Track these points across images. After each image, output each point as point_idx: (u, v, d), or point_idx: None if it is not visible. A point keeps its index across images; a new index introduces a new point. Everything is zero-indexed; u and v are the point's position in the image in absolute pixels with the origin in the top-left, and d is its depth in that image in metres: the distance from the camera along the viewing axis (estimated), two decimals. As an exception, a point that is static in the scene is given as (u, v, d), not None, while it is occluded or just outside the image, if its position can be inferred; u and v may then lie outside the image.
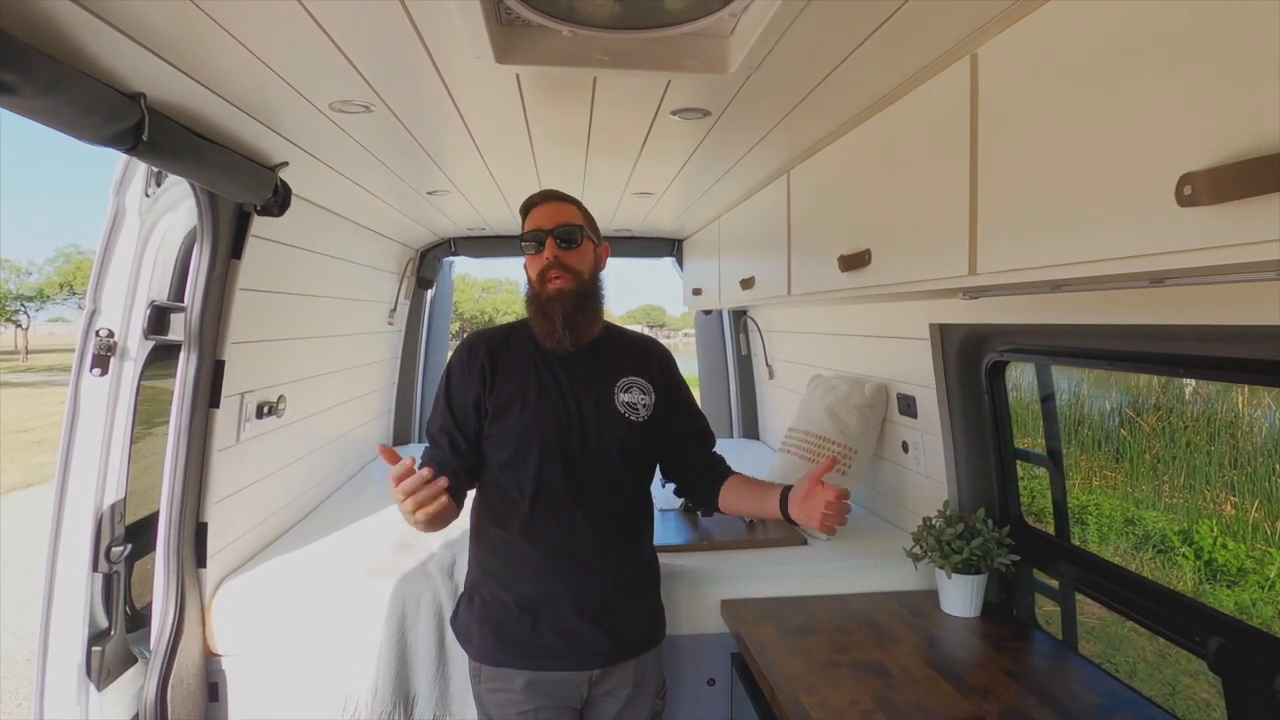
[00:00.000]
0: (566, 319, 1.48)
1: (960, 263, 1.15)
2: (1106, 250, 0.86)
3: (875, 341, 2.42)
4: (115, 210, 1.69)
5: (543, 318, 1.51)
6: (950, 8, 1.06)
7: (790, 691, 1.46)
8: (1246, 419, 6.69)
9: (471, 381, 1.52)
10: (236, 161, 1.63)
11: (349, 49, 1.21)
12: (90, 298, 1.70)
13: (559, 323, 1.48)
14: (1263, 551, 5.57)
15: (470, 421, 1.52)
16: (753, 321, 3.98)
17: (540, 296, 1.51)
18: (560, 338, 1.49)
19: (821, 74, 1.36)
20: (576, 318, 1.49)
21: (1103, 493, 7.08)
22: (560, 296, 1.49)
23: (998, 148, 1.07)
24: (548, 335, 1.51)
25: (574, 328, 1.49)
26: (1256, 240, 0.67)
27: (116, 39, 1.09)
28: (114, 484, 1.74)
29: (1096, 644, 4.43)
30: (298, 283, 2.35)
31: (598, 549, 1.52)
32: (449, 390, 1.55)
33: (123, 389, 1.75)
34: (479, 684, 1.54)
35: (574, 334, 1.50)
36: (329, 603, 1.93)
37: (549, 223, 1.51)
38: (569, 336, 1.49)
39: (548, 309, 1.50)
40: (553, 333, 1.49)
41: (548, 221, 1.51)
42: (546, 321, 1.50)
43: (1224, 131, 0.70)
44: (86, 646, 1.70)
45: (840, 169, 1.68)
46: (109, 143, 1.23)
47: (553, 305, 1.49)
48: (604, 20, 1.17)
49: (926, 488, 2.15)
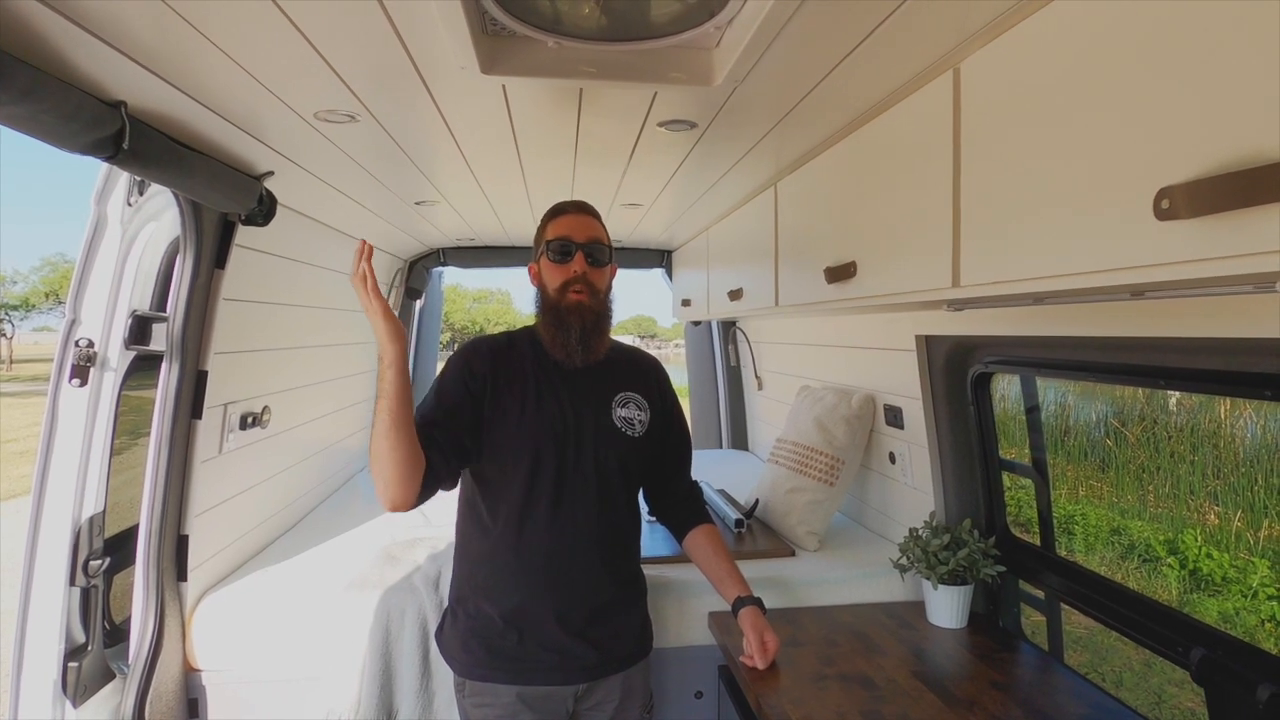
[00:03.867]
0: (584, 335, 1.48)
1: (944, 275, 1.16)
2: (1087, 263, 0.86)
3: (862, 353, 2.43)
4: (96, 219, 1.67)
5: (559, 328, 1.49)
6: (933, 23, 1.07)
7: (777, 704, 1.45)
8: (1229, 430, 6.75)
9: (470, 379, 1.48)
10: (221, 171, 1.62)
11: (334, 58, 1.20)
12: (70, 307, 1.68)
13: (574, 336, 1.48)
14: (1245, 561, 5.61)
15: (463, 411, 1.46)
16: (742, 332, 3.99)
17: (560, 307, 1.49)
18: (573, 351, 1.48)
19: (806, 87, 1.37)
20: (592, 336, 1.49)
21: (1089, 502, 7.11)
22: (581, 311, 1.48)
23: (980, 161, 1.08)
24: (560, 346, 1.49)
25: (587, 345, 1.49)
26: (1234, 254, 0.68)
27: (96, 46, 1.09)
28: (93, 496, 1.72)
29: (1083, 654, 4.44)
30: (283, 293, 2.33)
31: (586, 562, 1.50)
32: (443, 382, 1.50)
33: (102, 400, 1.72)
34: (464, 698, 1.52)
35: (586, 351, 1.49)
36: (312, 616, 1.90)
37: (581, 236, 1.50)
38: (581, 352, 1.49)
39: (566, 320, 1.48)
40: (566, 345, 1.48)
41: (579, 234, 1.50)
42: (562, 333, 1.49)
43: (1202, 146, 0.70)
44: (63, 662, 1.66)
45: (826, 181, 1.69)
46: (88, 151, 1.21)
47: (572, 318, 1.48)
48: (590, 32, 1.17)
49: (913, 499, 2.15)
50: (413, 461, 1.33)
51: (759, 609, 1.59)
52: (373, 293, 1.30)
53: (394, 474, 1.32)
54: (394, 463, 1.31)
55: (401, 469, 1.32)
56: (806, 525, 2.27)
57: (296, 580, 2.06)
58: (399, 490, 1.33)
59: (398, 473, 1.32)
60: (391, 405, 1.29)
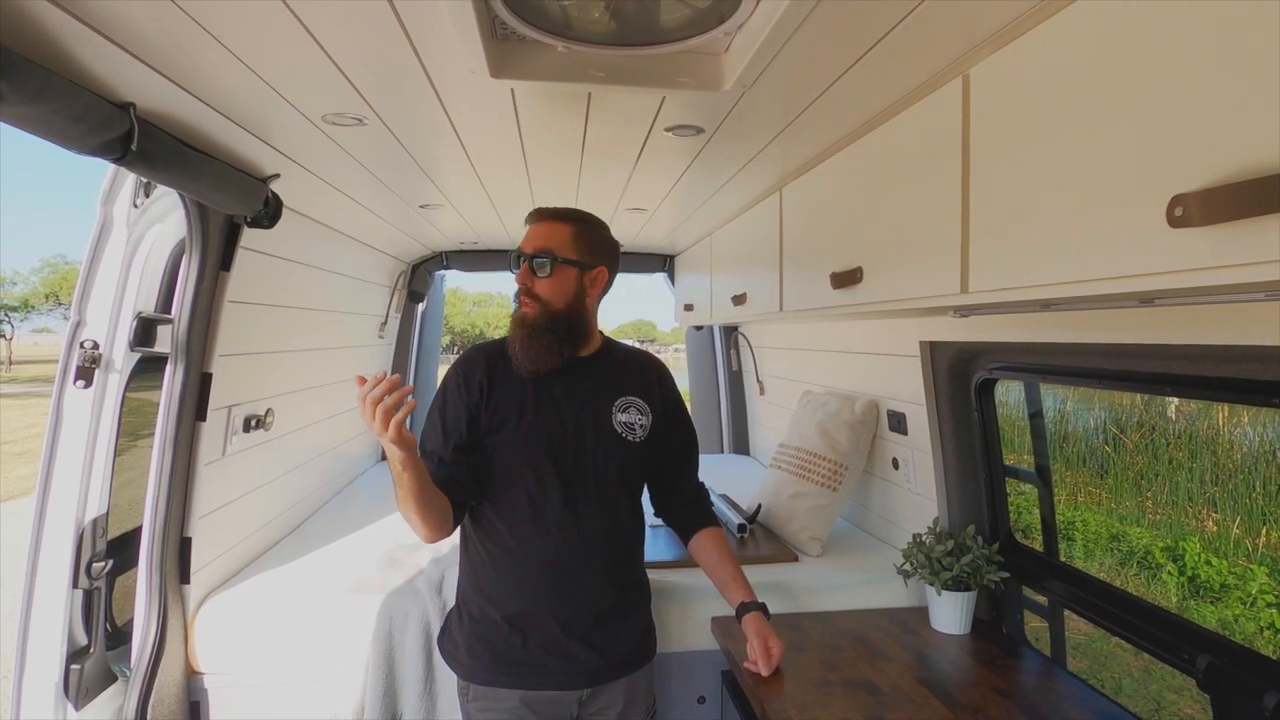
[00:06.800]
0: (523, 345, 1.49)
1: (952, 281, 1.16)
2: (1098, 270, 0.86)
3: (866, 358, 2.43)
4: (102, 221, 1.67)
5: (510, 339, 1.52)
6: (942, 29, 1.07)
7: (782, 710, 1.45)
8: (1227, 436, 6.76)
9: (468, 394, 1.51)
10: (227, 173, 1.62)
11: (343, 61, 1.20)
12: (75, 309, 1.68)
13: (516, 347, 1.50)
14: (1244, 568, 5.61)
15: (465, 434, 1.50)
16: (744, 337, 3.99)
17: (513, 317, 1.54)
18: (519, 362, 1.49)
19: (814, 93, 1.37)
20: (531, 345, 1.48)
21: (1088, 509, 7.11)
22: (521, 322, 1.50)
23: (990, 167, 1.08)
24: (514, 356, 1.51)
25: (530, 355, 1.48)
26: (1248, 262, 0.68)
27: (106, 48, 1.09)
28: (96, 499, 1.71)
29: (1082, 660, 4.44)
30: (288, 295, 2.33)
31: (589, 567, 1.50)
32: (444, 405, 1.53)
33: (107, 402, 1.72)
34: (467, 702, 1.52)
35: (530, 361, 1.49)
36: (315, 620, 1.90)
37: (529, 246, 1.52)
38: (525, 362, 1.49)
39: (512, 331, 1.52)
40: (515, 355, 1.50)
41: (528, 244, 1.52)
42: (511, 344, 1.52)
43: (1216, 154, 0.70)
44: (65, 664, 1.66)
45: (833, 187, 1.69)
46: (97, 152, 1.21)
47: (514, 329, 1.51)
48: (599, 37, 1.17)
49: (917, 504, 2.15)
50: (441, 514, 1.42)
51: (763, 615, 1.59)
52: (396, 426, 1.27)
53: (426, 529, 1.41)
54: (424, 521, 1.40)
55: (431, 523, 1.41)
56: (809, 530, 2.27)
57: (299, 583, 2.05)
58: (435, 534, 1.44)
59: (429, 526, 1.41)
60: (413, 490, 1.34)
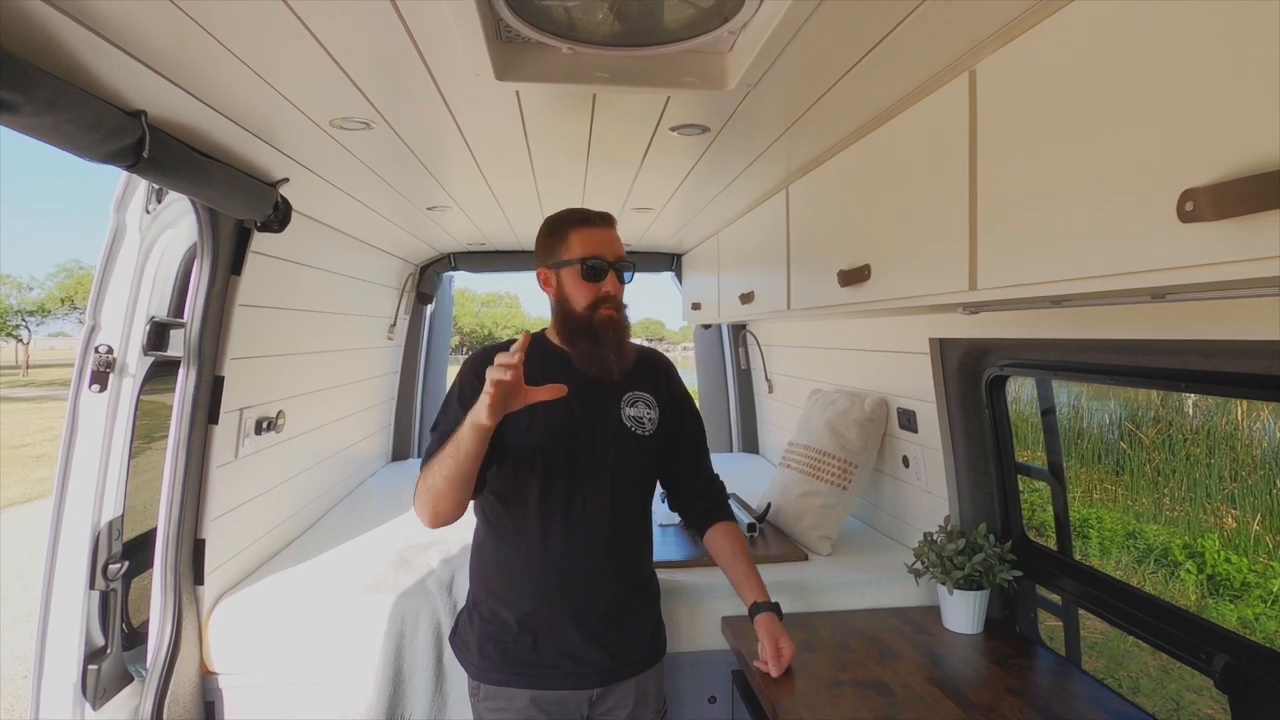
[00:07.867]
0: (619, 349, 1.49)
1: (960, 278, 1.15)
2: (1108, 266, 0.85)
3: (875, 356, 2.42)
4: (115, 227, 1.69)
5: (594, 344, 1.49)
6: (948, 25, 1.07)
7: (793, 710, 1.44)
8: (1246, 432, 6.68)
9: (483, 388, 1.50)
10: (237, 178, 1.64)
11: (350, 66, 1.21)
12: (90, 314, 1.70)
13: (611, 352, 1.49)
14: (1265, 565, 5.54)
15: None
16: (752, 336, 3.98)
17: (592, 323, 1.49)
18: (610, 366, 1.49)
19: (820, 90, 1.36)
20: (625, 348, 1.51)
21: (1104, 506, 7.05)
22: (614, 326, 1.49)
23: (997, 163, 1.07)
24: (596, 361, 1.49)
25: (621, 358, 1.50)
26: (1259, 256, 0.67)
27: (118, 57, 1.10)
28: (112, 501, 1.73)
29: (1099, 659, 4.39)
30: (297, 298, 2.35)
31: (600, 565, 1.51)
32: (461, 392, 1.50)
33: (121, 405, 1.74)
34: (478, 702, 1.52)
35: (620, 364, 1.50)
36: (327, 620, 1.91)
37: (612, 254, 1.50)
38: (617, 366, 1.50)
39: (602, 336, 1.49)
40: (603, 360, 1.49)
41: (610, 252, 1.50)
42: (598, 349, 1.49)
43: (1226, 148, 0.70)
44: (83, 665, 1.68)
45: (839, 184, 1.68)
46: (110, 160, 1.23)
47: (608, 334, 1.49)
48: (603, 38, 1.17)
49: (928, 503, 2.14)
50: (465, 499, 1.40)
51: (775, 615, 1.58)
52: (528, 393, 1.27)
53: (446, 504, 1.38)
54: (451, 493, 1.36)
55: (454, 501, 1.38)
56: (819, 529, 2.26)
57: (312, 584, 2.07)
58: (450, 515, 1.40)
59: (449, 503, 1.38)
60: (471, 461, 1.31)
